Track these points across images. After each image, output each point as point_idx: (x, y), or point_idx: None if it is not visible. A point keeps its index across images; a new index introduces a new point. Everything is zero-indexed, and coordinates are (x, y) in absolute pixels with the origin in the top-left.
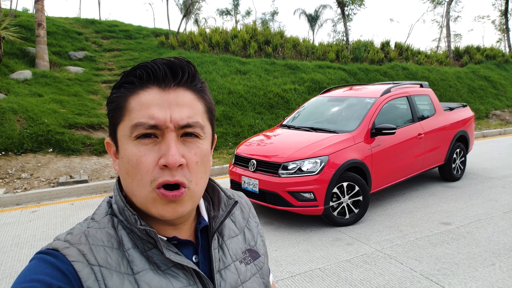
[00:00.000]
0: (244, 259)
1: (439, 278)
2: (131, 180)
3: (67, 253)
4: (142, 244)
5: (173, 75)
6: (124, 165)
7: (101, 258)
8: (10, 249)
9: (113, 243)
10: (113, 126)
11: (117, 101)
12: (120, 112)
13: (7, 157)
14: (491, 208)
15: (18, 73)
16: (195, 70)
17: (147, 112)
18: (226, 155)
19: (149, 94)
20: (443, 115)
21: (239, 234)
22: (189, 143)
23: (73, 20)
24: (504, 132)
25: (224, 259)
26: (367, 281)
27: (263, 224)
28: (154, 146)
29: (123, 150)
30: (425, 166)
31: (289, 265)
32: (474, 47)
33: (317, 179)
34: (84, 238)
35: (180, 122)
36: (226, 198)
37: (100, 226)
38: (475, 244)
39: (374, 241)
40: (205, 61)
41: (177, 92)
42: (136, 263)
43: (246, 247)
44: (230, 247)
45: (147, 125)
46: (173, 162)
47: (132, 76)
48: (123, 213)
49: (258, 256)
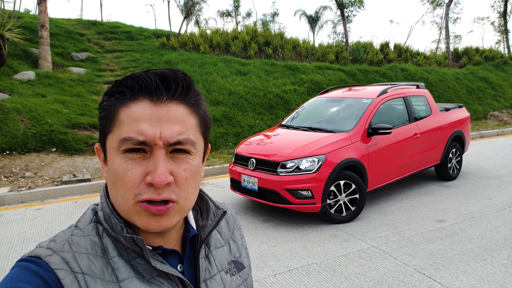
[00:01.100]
0: (230, 270)
1: (431, 272)
2: (115, 192)
3: (50, 260)
4: (127, 253)
5: (166, 88)
6: (111, 177)
7: (84, 265)
8: (16, 245)
9: (97, 251)
10: (103, 134)
11: (108, 110)
12: (110, 122)
13: (12, 156)
14: (485, 206)
15: (22, 74)
16: (191, 82)
17: (136, 127)
18: (227, 155)
19: (140, 107)
20: (439, 115)
21: (225, 245)
22: (179, 160)
23: (75, 21)
24: (502, 132)
25: (210, 269)
26: (362, 275)
27: (262, 221)
28: (142, 161)
29: (111, 161)
30: (421, 166)
31: (287, 260)
32: (473, 49)
33: (314, 177)
34: (68, 245)
35: (170, 140)
36: (215, 208)
37: (84, 233)
38: (468, 240)
39: (369, 238)
40: (206, 62)
41: (169, 106)
42: (121, 271)
43: (232, 258)
44: (216, 257)
45: (135, 141)
46: (159, 182)
47: (124, 86)
48: (108, 221)
49: (243, 268)
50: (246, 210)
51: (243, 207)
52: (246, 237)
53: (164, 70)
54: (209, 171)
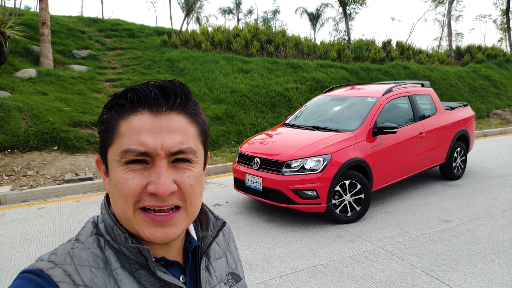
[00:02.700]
0: (228, 281)
1: (439, 274)
2: (115, 202)
3: (52, 273)
4: (129, 264)
5: (165, 99)
6: (112, 188)
7: (87, 278)
8: (19, 245)
9: (99, 263)
10: (103, 147)
11: (108, 123)
12: (111, 135)
13: (13, 154)
14: (491, 206)
15: (23, 72)
16: (189, 93)
17: (137, 138)
18: (229, 154)
19: (140, 119)
20: (444, 114)
21: (223, 257)
22: (181, 169)
23: (76, 18)
24: (505, 131)
25: (210, 280)
26: (369, 277)
27: (267, 221)
28: (144, 172)
29: (112, 173)
30: (426, 165)
31: (292, 261)
32: (475, 47)
33: (319, 177)
34: (69, 258)
35: (171, 149)
36: (214, 219)
37: (85, 246)
38: (475, 241)
39: (375, 238)
40: (207, 60)
41: (169, 117)
42: (125, 282)
43: (229, 269)
44: (215, 268)
45: (137, 152)
46: (163, 192)
47: (123, 99)
48: (111, 232)
49: (240, 279)
50: (250, 209)
51: (247, 206)
52: (250, 237)
53: (163, 82)
54: (211, 170)
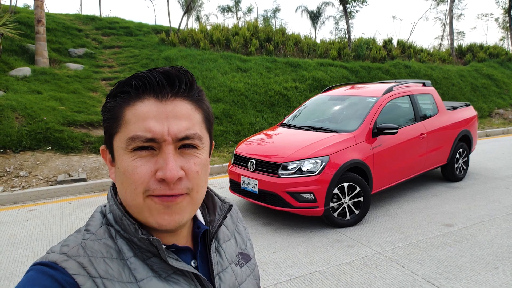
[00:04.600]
0: (239, 262)
1: (441, 282)
2: (125, 191)
3: (66, 266)
4: (141, 253)
5: (170, 85)
6: (120, 176)
7: (101, 269)
8: (6, 249)
9: (112, 254)
10: (109, 136)
11: (113, 111)
12: (116, 123)
13: (5, 155)
14: (494, 209)
15: (17, 70)
16: (193, 79)
17: (143, 124)
18: (226, 154)
19: (146, 105)
20: (446, 114)
21: (232, 238)
22: (188, 155)
23: (73, 16)
24: (507, 131)
25: (222, 262)
26: (368, 285)
27: (262, 224)
28: (151, 158)
29: (119, 161)
30: (427, 166)
31: (288, 267)
32: (477, 45)
33: (317, 179)
34: (82, 250)
35: (178, 135)
36: (221, 202)
37: (97, 237)
38: (478, 246)
39: (375, 243)
40: (205, 59)
41: (175, 103)
42: (139, 271)
43: (239, 250)
44: (226, 250)
45: (144, 138)
46: (171, 177)
47: (128, 86)
48: (120, 223)
49: (250, 259)
50: (245, 212)
51: (242, 209)
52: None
53: (167, 68)
54: None
